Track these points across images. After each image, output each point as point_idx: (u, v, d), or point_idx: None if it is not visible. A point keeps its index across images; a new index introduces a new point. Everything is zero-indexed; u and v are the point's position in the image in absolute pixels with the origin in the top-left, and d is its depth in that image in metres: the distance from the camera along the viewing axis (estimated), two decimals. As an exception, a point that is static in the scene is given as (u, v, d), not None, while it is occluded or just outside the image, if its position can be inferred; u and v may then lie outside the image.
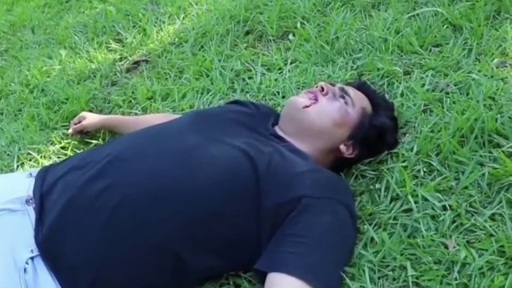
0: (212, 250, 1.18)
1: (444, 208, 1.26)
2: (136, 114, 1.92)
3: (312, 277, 1.09)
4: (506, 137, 1.38)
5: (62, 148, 1.87)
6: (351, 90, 1.40)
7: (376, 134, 1.39)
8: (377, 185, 1.37)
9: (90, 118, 1.84)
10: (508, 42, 1.71)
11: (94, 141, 1.81)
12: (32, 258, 1.16)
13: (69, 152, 1.80)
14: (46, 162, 1.81)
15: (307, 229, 1.15)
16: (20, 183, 1.33)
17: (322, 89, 1.38)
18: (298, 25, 2.11)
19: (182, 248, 1.16)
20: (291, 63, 1.94)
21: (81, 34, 2.53)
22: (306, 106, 1.36)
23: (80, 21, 2.65)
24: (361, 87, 1.47)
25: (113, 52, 2.34)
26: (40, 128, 2.00)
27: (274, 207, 1.17)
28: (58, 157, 1.82)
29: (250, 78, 1.93)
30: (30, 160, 1.85)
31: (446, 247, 1.18)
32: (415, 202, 1.27)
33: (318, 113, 1.35)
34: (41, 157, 1.84)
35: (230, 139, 1.28)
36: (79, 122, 1.85)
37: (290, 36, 2.10)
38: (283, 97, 1.79)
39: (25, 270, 1.14)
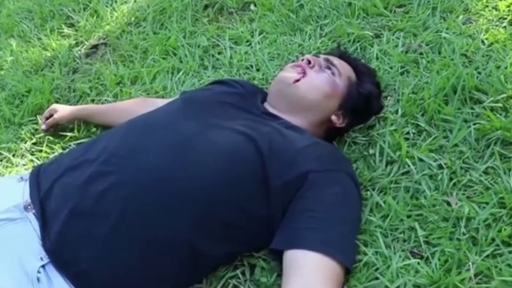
0: (225, 236, 1.19)
1: (440, 167, 1.32)
2: (106, 101, 1.87)
3: (332, 250, 1.11)
4: (485, 93, 1.45)
5: (34, 144, 1.80)
6: (335, 61, 1.42)
7: (364, 102, 1.43)
8: (371, 151, 1.41)
9: (61, 111, 1.77)
10: (470, -2, 1.77)
11: (69, 134, 1.75)
12: (43, 266, 1.13)
13: (44, 148, 1.73)
14: (21, 161, 1.74)
15: (318, 203, 1.18)
16: (12, 189, 1.28)
17: (309, 62, 1.39)
18: (259, -6, 2.09)
19: (195, 238, 1.15)
20: (258, 34, 1.93)
21: (27, 21, 2.40)
22: (296, 81, 1.37)
23: (22, 7, 2.51)
24: (343, 56, 1.49)
25: (67, 38, 2.24)
26: (5, 125, 1.90)
27: (282, 186, 1.18)
28: (32, 154, 1.76)
29: (219, 53, 1.92)
30: (1, 160, 1.77)
31: (449, 204, 1.24)
32: (413, 164, 1.33)
33: (308, 86, 1.37)
34: (13, 156, 1.76)
35: (226, 122, 1.28)
36: (50, 116, 1.78)
37: (252, 7, 2.08)
38: (258, 70, 1.79)
39: (38, 279, 1.11)
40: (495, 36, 1.60)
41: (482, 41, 1.60)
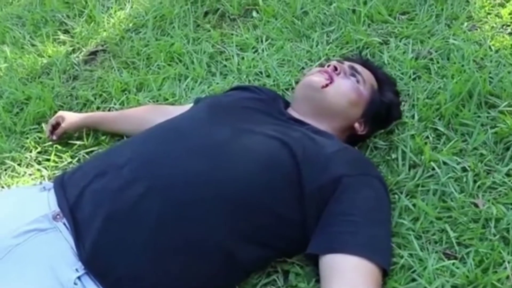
0: (260, 240, 1.19)
1: (463, 169, 1.35)
2: (113, 108, 1.84)
3: (371, 253, 1.13)
4: (499, 97, 1.50)
5: (40, 153, 1.75)
6: (359, 68, 1.44)
7: (385, 111, 1.45)
8: (393, 155, 1.44)
9: (69, 118, 1.73)
10: (472, 6, 1.83)
11: (77, 142, 1.72)
12: (79, 278, 1.11)
13: (52, 157, 1.69)
14: (27, 170, 1.70)
15: (353, 207, 1.19)
16: (36, 199, 1.24)
17: (335, 68, 1.41)
18: (260, 1, 2.10)
19: (230, 243, 1.15)
20: (264, 41, 1.94)
21: (19, 27, 2.34)
22: (324, 86, 1.38)
23: (11, 13, 2.44)
24: (365, 63, 1.51)
25: (62, 44, 2.20)
26: (6, 134, 1.85)
27: (316, 191, 1.19)
28: (39, 163, 1.71)
29: (226, 59, 1.91)
30: (6, 170, 1.72)
31: (476, 206, 1.28)
32: (438, 167, 1.36)
33: (336, 93, 1.38)
34: (19, 165, 1.72)
35: (257, 127, 1.28)
36: (57, 123, 1.74)
37: (254, 14, 2.09)
38: (268, 76, 1.79)
39: (74, 291, 1.09)
40: (502, 43, 1.66)
41: (490, 47, 1.65)
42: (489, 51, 1.64)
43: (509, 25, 1.74)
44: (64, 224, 1.16)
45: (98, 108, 1.86)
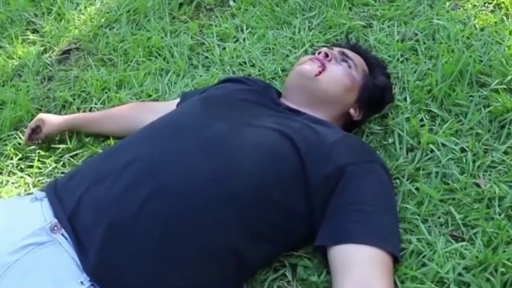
0: (268, 237, 1.16)
1: (462, 150, 1.35)
2: (94, 108, 1.78)
3: (382, 241, 1.11)
4: (489, 75, 1.50)
5: (21, 159, 1.68)
6: (350, 53, 1.42)
7: (379, 94, 1.44)
8: (390, 140, 1.43)
9: (50, 121, 1.65)
10: (451, -16, 1.82)
11: (61, 146, 1.65)
12: None
13: (35, 163, 1.62)
14: (9, 179, 1.63)
15: (359, 196, 1.17)
16: (28, 211, 1.17)
17: (326, 55, 1.38)
18: (236, -10, 2.06)
19: (240, 242, 1.12)
20: (244, 30, 1.90)
21: (-18, 29, 2.25)
22: (317, 74, 1.35)
23: (-27, 14, 2.34)
24: (354, 48, 1.49)
25: (32, 44, 2.11)
26: (-19, 142, 1.78)
27: (321, 182, 1.17)
28: (22, 170, 1.64)
29: (208, 51, 1.87)
30: (-15, 179, 1.65)
31: (478, 186, 1.28)
32: (437, 149, 1.35)
33: (329, 80, 1.36)
34: (0, 173, 1.64)
35: (256, 120, 1.25)
36: (36, 126, 1.67)
37: (231, 2, 2.04)
38: (253, 65, 1.76)
39: (82, 304, 1.04)
40: (486, 21, 1.66)
41: (474, 26, 1.65)
42: (475, 29, 1.64)
43: (490, 3, 1.74)
44: (63, 235, 1.10)
45: (78, 109, 1.80)
